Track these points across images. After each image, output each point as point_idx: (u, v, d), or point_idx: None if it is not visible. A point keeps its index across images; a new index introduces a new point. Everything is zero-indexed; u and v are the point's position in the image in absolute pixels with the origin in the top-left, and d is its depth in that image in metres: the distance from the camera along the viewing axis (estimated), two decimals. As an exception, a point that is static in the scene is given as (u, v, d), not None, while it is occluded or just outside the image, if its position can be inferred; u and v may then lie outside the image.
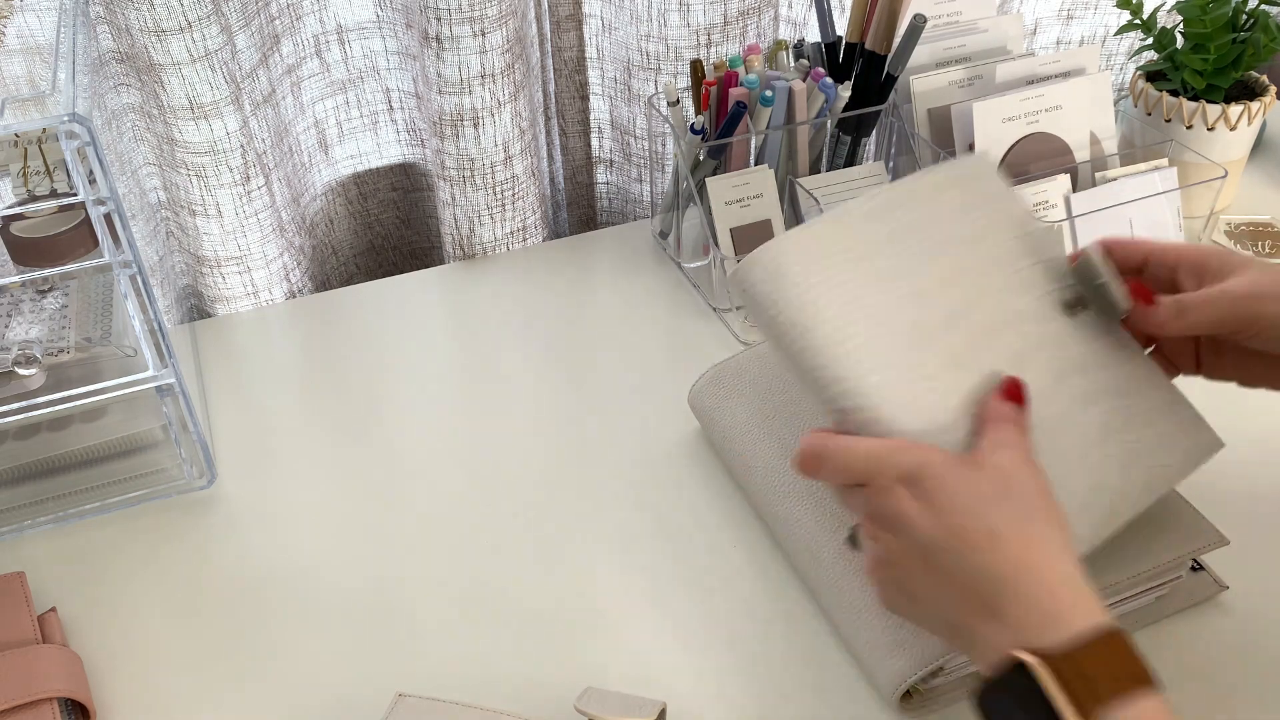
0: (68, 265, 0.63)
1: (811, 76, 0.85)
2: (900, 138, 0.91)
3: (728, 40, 0.96)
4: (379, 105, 0.99)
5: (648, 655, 0.61)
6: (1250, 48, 0.88)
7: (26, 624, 0.60)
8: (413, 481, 0.74)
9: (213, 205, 0.88)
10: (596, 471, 0.73)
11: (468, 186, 0.95)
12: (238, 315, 0.92)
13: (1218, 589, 0.62)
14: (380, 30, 0.95)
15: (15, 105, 0.57)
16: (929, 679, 0.56)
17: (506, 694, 0.59)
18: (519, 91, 0.92)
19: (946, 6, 0.92)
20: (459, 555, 0.68)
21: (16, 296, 0.70)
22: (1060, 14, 1.09)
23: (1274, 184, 1.01)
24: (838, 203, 0.88)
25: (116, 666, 0.61)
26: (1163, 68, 0.93)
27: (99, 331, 0.68)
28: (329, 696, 0.60)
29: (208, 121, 0.83)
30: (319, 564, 0.68)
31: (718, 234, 0.85)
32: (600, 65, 1.02)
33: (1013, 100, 0.85)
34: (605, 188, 1.10)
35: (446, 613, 0.64)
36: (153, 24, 0.78)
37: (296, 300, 0.94)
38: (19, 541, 0.69)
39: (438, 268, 0.97)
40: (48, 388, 0.65)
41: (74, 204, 0.60)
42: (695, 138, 0.85)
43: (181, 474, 0.72)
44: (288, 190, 0.94)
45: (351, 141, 1.01)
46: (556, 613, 0.63)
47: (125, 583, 0.67)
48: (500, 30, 0.87)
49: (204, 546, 0.69)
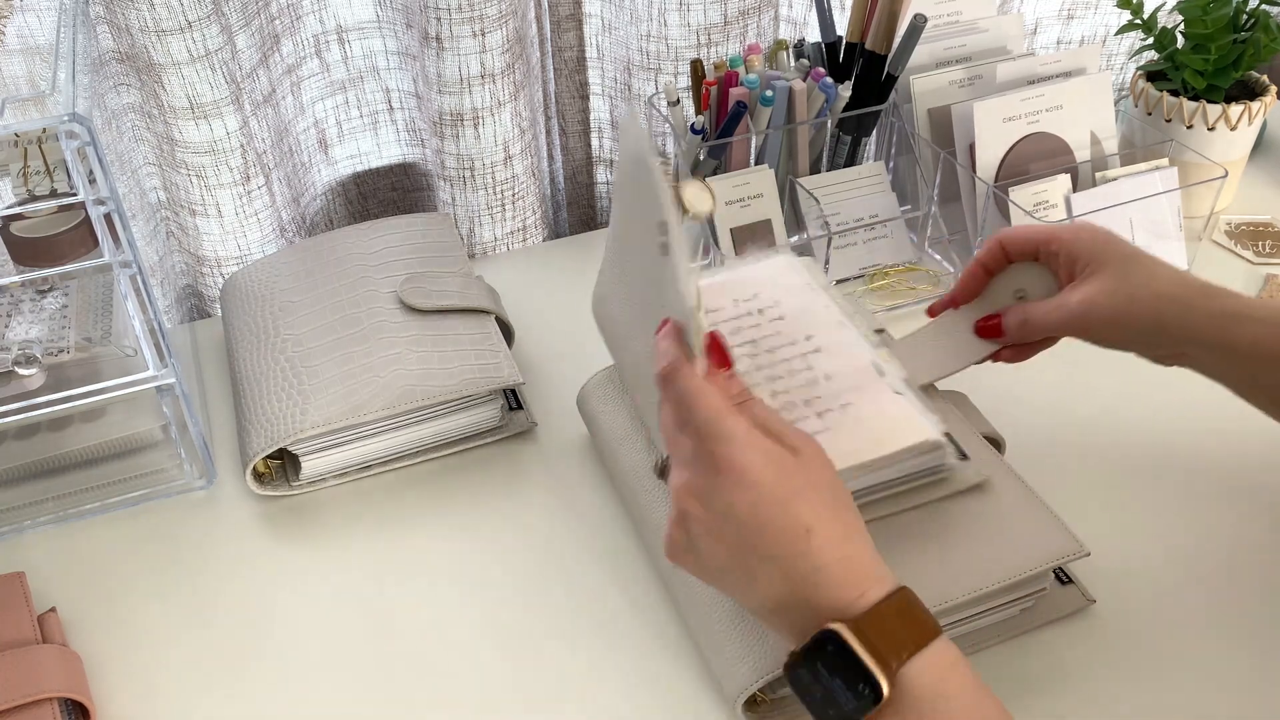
0: (68, 265, 0.63)
1: (812, 76, 0.85)
2: (900, 138, 0.91)
3: (728, 40, 0.96)
4: (379, 105, 0.99)
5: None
6: (1251, 48, 0.88)
7: (26, 624, 0.60)
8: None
9: (213, 205, 0.88)
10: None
11: (468, 186, 0.95)
12: (238, 315, 0.92)
13: (1086, 602, 0.62)
14: (380, 30, 0.95)
15: (15, 105, 0.57)
16: (775, 688, 0.57)
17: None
18: (519, 91, 0.92)
19: (947, 6, 0.92)
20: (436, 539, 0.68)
21: (16, 296, 0.70)
22: (1060, 14, 1.09)
23: (1274, 184, 1.01)
24: (838, 203, 0.88)
25: (116, 666, 0.61)
26: (1163, 68, 0.93)
27: (99, 331, 0.68)
28: (329, 696, 0.60)
29: (208, 121, 0.83)
30: (319, 562, 0.68)
31: (718, 234, 0.85)
32: (600, 65, 1.02)
33: (1013, 100, 0.85)
34: (605, 188, 1.10)
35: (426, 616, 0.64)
36: (153, 24, 0.78)
37: (296, 300, 0.94)
38: (19, 541, 0.69)
39: (438, 268, 0.97)
40: (48, 388, 0.65)
41: (74, 204, 0.60)
42: (695, 138, 0.85)
43: (181, 474, 0.72)
44: (288, 190, 0.94)
45: (351, 141, 1.01)
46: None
47: (125, 583, 0.67)
48: (500, 30, 0.87)
49: (204, 546, 0.69)
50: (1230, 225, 0.95)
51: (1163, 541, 0.67)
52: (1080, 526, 0.59)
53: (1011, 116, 0.85)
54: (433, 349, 0.73)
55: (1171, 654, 0.60)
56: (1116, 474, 0.70)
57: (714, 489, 0.48)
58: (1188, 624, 0.62)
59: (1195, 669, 0.60)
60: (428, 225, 0.85)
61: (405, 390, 0.70)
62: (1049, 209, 0.83)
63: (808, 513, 0.47)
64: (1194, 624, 0.62)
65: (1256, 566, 0.65)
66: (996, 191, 0.84)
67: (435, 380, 0.71)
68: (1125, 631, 0.62)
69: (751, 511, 0.47)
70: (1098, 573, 0.63)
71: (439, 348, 0.73)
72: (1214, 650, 0.61)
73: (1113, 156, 0.89)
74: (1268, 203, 0.98)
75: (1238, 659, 0.60)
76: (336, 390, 0.70)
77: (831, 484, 0.49)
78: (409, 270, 0.79)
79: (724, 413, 0.48)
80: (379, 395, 0.70)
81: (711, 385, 0.49)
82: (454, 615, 0.64)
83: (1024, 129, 0.86)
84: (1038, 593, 0.60)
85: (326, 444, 0.71)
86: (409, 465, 0.74)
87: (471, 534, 0.69)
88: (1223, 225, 0.95)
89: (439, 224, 0.85)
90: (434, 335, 0.74)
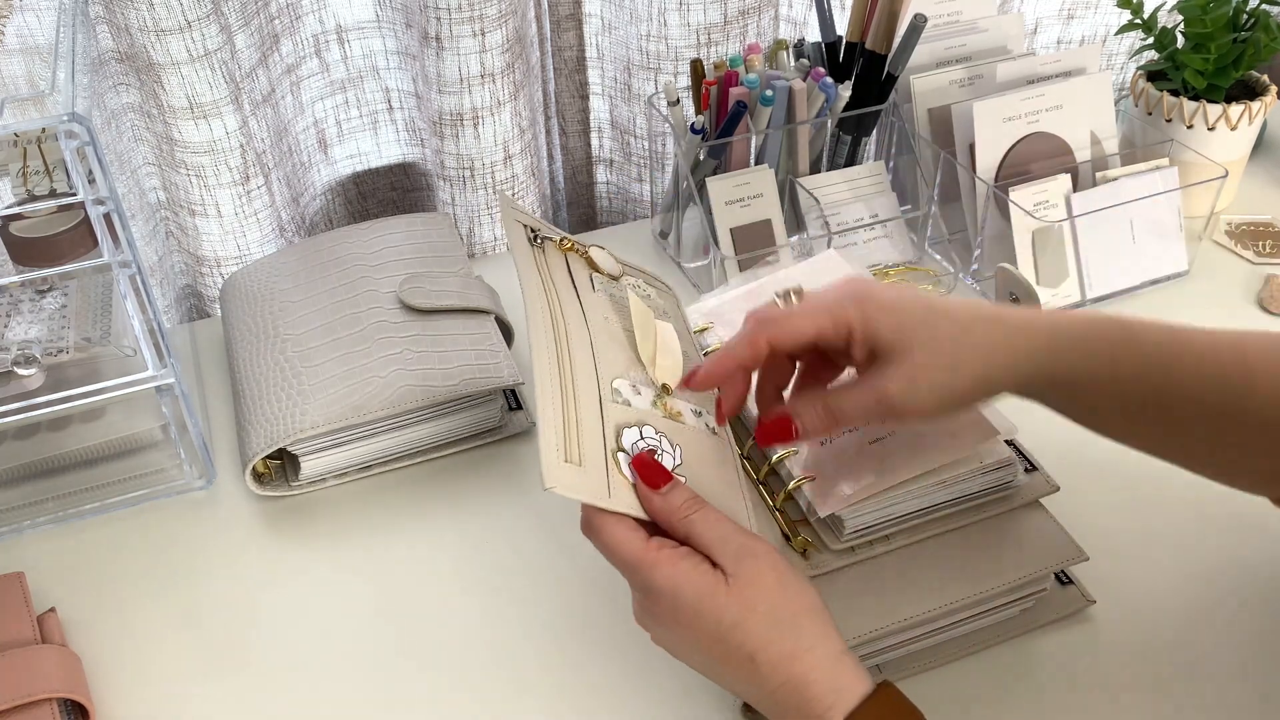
0: (67, 265, 0.63)
1: (812, 76, 0.85)
2: (900, 137, 0.91)
3: (728, 40, 0.96)
4: (379, 105, 0.99)
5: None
6: (1251, 47, 0.88)
7: (26, 624, 0.60)
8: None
9: (212, 205, 0.88)
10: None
11: (467, 186, 0.95)
12: (237, 315, 0.92)
13: (1085, 603, 0.62)
14: (380, 30, 0.94)
15: (15, 105, 0.57)
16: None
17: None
18: (519, 91, 0.92)
19: (947, 6, 0.92)
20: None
21: (16, 296, 0.69)
22: (1061, 13, 1.09)
23: (1274, 184, 1.01)
24: (838, 203, 0.88)
25: (116, 666, 0.61)
26: (1163, 67, 0.93)
27: (98, 331, 0.68)
28: (329, 695, 0.60)
29: (207, 121, 0.83)
30: (319, 563, 0.68)
31: (718, 234, 0.85)
32: (600, 65, 1.02)
33: (1013, 100, 0.85)
34: (605, 187, 1.10)
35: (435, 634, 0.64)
36: (152, 23, 0.78)
37: (296, 300, 0.94)
38: (19, 541, 0.69)
39: (438, 267, 0.97)
40: (47, 388, 0.65)
41: (73, 204, 0.60)
42: (695, 137, 0.85)
43: (181, 474, 0.72)
44: (287, 190, 0.94)
45: (351, 141, 1.01)
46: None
47: (125, 583, 0.67)
48: (500, 30, 0.87)
49: (203, 547, 0.69)
50: (1230, 225, 0.95)
51: (1163, 542, 0.67)
52: (1081, 526, 0.59)
53: (1011, 116, 0.85)
54: (432, 349, 0.73)
55: (1171, 654, 0.60)
56: (1117, 474, 0.69)
57: (658, 625, 0.50)
58: (1188, 624, 0.62)
59: (1195, 669, 0.60)
60: (427, 225, 0.85)
61: (405, 390, 0.70)
62: (1049, 209, 0.83)
63: (748, 641, 0.47)
64: (1194, 624, 0.62)
65: (1256, 566, 0.65)
66: (996, 191, 0.84)
67: (435, 380, 0.71)
68: (1125, 632, 0.62)
69: (695, 645, 0.49)
70: (1098, 573, 0.62)
71: (439, 348, 0.73)
72: (1214, 650, 0.61)
73: (1113, 156, 0.89)
74: (1268, 203, 0.98)
75: (1237, 659, 0.60)
76: (336, 390, 0.70)
77: (771, 599, 0.48)
78: (409, 270, 0.79)
79: (643, 564, 0.48)
80: (379, 395, 0.70)
81: (625, 532, 0.49)
82: (454, 615, 0.64)
83: (1024, 129, 0.86)
84: (1038, 593, 0.60)
85: (326, 444, 0.71)
86: (409, 465, 0.74)
87: (471, 534, 0.69)
88: (1223, 225, 0.95)
89: (439, 224, 0.85)
90: (434, 335, 0.74)
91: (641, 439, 0.52)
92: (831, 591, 0.55)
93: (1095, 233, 0.85)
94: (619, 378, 0.54)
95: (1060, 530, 0.59)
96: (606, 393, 0.53)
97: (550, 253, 0.60)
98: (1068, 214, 0.84)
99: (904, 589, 0.56)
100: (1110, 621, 0.62)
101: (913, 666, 0.59)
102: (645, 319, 0.59)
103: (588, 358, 0.54)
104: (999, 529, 0.58)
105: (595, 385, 0.53)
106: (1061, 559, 0.58)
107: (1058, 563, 0.58)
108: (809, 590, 0.49)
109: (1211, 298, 0.87)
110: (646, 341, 0.58)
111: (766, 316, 0.51)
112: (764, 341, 0.51)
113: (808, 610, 0.48)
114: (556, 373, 0.51)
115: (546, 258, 0.60)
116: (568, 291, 0.58)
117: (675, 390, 0.56)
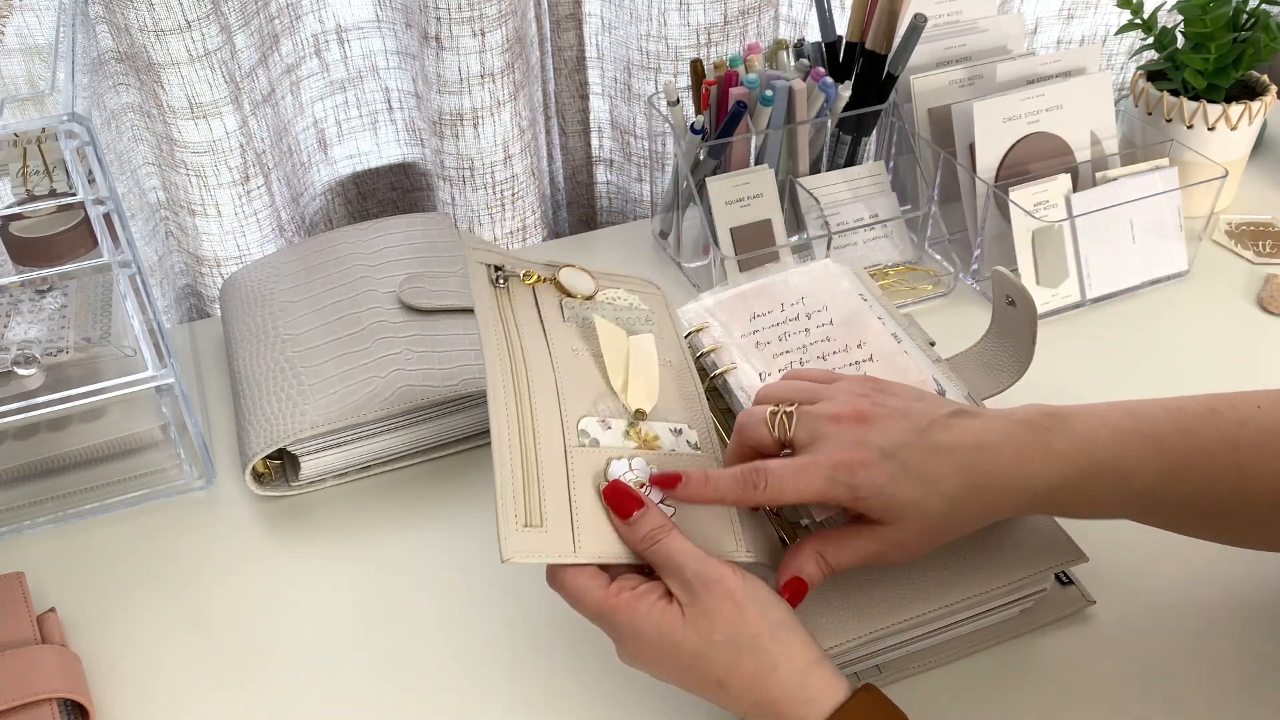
0: (67, 265, 0.63)
1: (812, 76, 0.85)
2: (901, 137, 0.91)
3: (728, 40, 0.96)
4: (378, 105, 0.99)
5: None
6: (1251, 47, 0.88)
7: (26, 624, 0.60)
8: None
9: (212, 205, 0.88)
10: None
11: (467, 186, 0.95)
12: (237, 315, 0.92)
13: (1085, 603, 0.62)
14: (380, 30, 0.94)
15: (14, 105, 0.57)
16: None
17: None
18: (519, 91, 0.92)
19: (947, 6, 0.92)
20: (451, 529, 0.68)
21: (16, 296, 0.69)
22: (1061, 13, 1.09)
23: (1274, 184, 1.01)
24: (838, 203, 0.88)
25: (116, 666, 0.61)
26: (1163, 67, 0.93)
27: (98, 331, 0.68)
28: (328, 695, 0.60)
29: (207, 121, 0.83)
30: (319, 563, 0.68)
31: (718, 234, 0.85)
32: (600, 65, 1.02)
33: (1013, 100, 0.85)
34: (605, 187, 1.10)
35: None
36: (152, 23, 0.78)
37: (296, 300, 0.94)
38: (19, 541, 0.69)
39: (437, 267, 0.97)
40: (47, 388, 0.65)
41: (73, 204, 0.60)
42: (695, 137, 0.85)
43: (181, 474, 0.72)
44: (287, 190, 0.94)
45: (351, 141, 1.01)
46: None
47: (125, 583, 0.67)
48: (500, 30, 0.87)
49: (203, 547, 0.69)
50: (1230, 225, 0.95)
51: (1163, 542, 0.67)
52: (1080, 527, 0.59)
53: (1011, 116, 0.85)
54: (432, 349, 0.73)
55: (1171, 655, 0.60)
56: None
57: (639, 663, 0.51)
58: (1188, 625, 0.62)
59: (1195, 670, 0.60)
60: (427, 225, 0.85)
61: (405, 390, 0.70)
62: (1049, 209, 0.83)
63: (712, 669, 0.48)
64: (1194, 625, 0.62)
65: (1256, 566, 0.65)
66: (996, 191, 0.84)
67: (435, 380, 0.71)
68: (1125, 632, 0.62)
69: (675, 677, 0.50)
70: (1098, 573, 0.62)
71: (438, 348, 0.73)
72: (1214, 651, 0.61)
73: (1113, 156, 0.89)
74: (1268, 203, 0.98)
75: (1237, 659, 0.60)
76: (336, 390, 0.70)
77: (729, 625, 0.48)
78: (408, 270, 0.79)
79: (604, 611, 0.50)
80: (378, 395, 0.70)
81: (585, 581, 0.50)
82: (454, 616, 0.64)
83: (1024, 129, 0.86)
84: (1038, 594, 0.60)
85: (326, 444, 0.71)
86: (409, 466, 0.74)
87: (471, 535, 0.69)
88: (1223, 225, 0.95)
89: (438, 224, 0.85)
90: (434, 335, 0.74)
91: (631, 470, 0.53)
92: (831, 592, 0.55)
93: (1095, 233, 0.85)
94: (586, 416, 0.55)
95: (1060, 531, 0.59)
96: (572, 439, 0.53)
97: (516, 290, 0.61)
98: (1068, 214, 0.84)
99: (904, 589, 0.56)
100: (1110, 621, 0.62)
101: (913, 666, 0.59)
102: (616, 342, 0.59)
103: (552, 403, 0.54)
104: (999, 529, 0.58)
105: (560, 433, 0.53)
106: (1061, 559, 0.58)
107: (1057, 563, 0.58)
108: (773, 607, 0.49)
109: (1211, 298, 0.87)
110: (617, 369, 0.58)
111: (762, 471, 0.51)
112: (753, 500, 0.52)
113: (770, 628, 0.49)
114: (516, 430, 0.52)
115: (511, 298, 0.60)
116: (533, 329, 0.58)
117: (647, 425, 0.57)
